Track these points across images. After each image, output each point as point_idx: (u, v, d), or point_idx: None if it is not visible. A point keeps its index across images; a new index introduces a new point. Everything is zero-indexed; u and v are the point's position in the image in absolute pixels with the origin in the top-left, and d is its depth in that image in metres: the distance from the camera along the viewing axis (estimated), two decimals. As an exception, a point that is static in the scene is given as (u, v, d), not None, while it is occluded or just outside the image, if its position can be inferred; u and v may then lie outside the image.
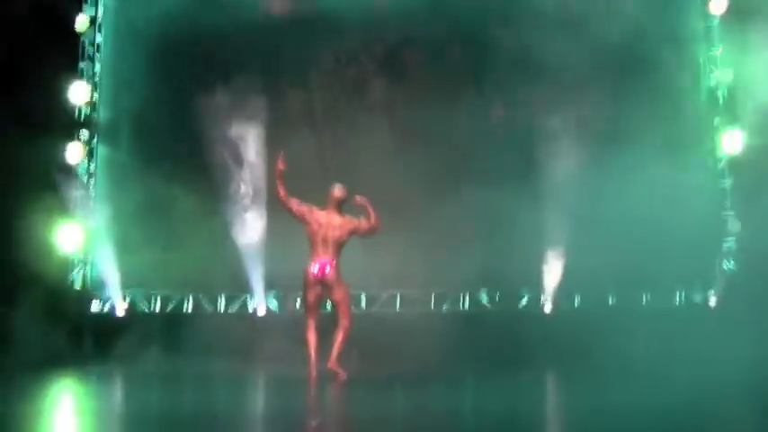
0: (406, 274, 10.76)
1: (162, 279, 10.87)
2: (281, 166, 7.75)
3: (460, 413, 5.98)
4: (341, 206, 7.86)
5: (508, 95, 11.31)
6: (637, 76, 10.88)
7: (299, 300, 10.24)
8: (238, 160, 10.78)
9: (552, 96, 10.87)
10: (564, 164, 10.62)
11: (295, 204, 7.80)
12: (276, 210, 8.65)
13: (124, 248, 10.70)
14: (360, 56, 11.54)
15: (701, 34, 11.49)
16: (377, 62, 11.56)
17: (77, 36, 11.06)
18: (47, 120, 10.38)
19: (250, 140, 10.80)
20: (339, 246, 7.82)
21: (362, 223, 7.87)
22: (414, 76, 11.50)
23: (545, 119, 10.83)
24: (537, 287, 10.89)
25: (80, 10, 11.09)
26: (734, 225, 10.98)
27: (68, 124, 10.87)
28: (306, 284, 7.80)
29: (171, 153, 10.95)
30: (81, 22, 11.00)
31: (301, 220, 7.81)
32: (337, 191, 7.87)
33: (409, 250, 10.46)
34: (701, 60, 11.50)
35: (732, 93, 11.24)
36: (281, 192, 7.78)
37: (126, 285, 10.74)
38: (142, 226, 10.66)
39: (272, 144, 10.88)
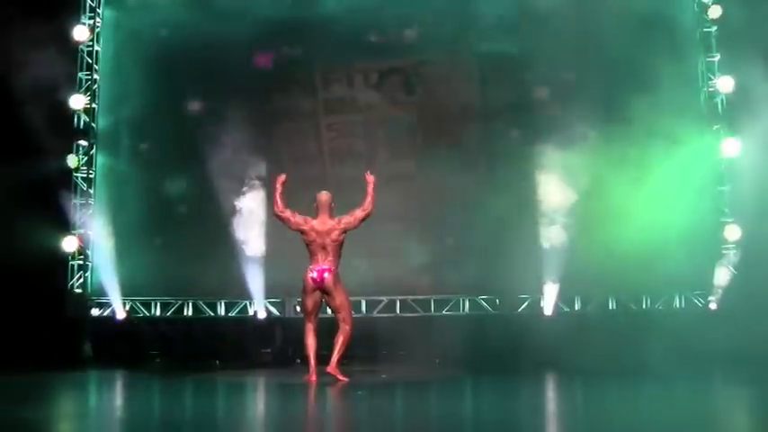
0: (406, 279, 10.75)
1: (160, 286, 10.83)
2: (281, 181, 7.98)
3: (460, 416, 5.96)
4: (330, 210, 7.93)
5: (508, 104, 11.32)
6: (635, 83, 10.88)
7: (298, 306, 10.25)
8: (237, 168, 10.80)
9: (551, 103, 10.90)
10: (563, 170, 10.66)
11: (291, 216, 7.93)
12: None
13: (124, 255, 10.68)
14: (362, 68, 11.51)
15: (699, 41, 11.52)
16: (379, 77, 11.54)
17: (76, 45, 11.07)
18: (46, 128, 10.38)
19: (248, 149, 10.82)
20: (338, 249, 7.88)
21: (355, 214, 7.90)
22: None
23: (544, 124, 10.87)
24: (537, 292, 10.87)
25: (79, 20, 11.13)
26: (732, 230, 10.99)
27: (68, 132, 10.87)
28: (305, 290, 7.87)
29: (169, 161, 10.94)
30: (80, 32, 11.02)
31: (299, 230, 7.91)
32: (324, 196, 8.00)
33: (410, 256, 10.45)
34: (699, 67, 11.53)
35: (731, 99, 11.26)
36: (279, 205, 7.94)
37: (125, 292, 10.71)
38: (141, 233, 10.66)
39: (271, 151, 10.92)
